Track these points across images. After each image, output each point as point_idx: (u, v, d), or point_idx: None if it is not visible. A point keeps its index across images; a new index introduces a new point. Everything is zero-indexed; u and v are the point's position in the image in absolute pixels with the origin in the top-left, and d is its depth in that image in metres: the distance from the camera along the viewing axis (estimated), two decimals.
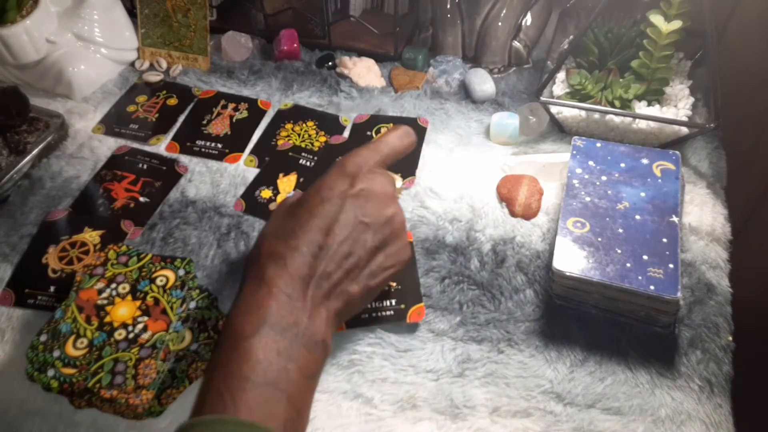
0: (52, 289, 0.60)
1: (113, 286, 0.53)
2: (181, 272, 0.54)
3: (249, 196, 0.69)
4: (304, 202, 0.48)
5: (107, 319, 0.50)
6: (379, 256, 0.48)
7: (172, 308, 0.51)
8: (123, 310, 0.51)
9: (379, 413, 0.52)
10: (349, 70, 0.84)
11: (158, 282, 0.53)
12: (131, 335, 0.50)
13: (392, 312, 0.58)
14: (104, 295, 0.52)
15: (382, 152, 0.50)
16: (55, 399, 0.52)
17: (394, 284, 0.60)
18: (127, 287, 0.52)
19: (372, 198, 0.47)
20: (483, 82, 0.80)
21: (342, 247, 0.45)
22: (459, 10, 0.84)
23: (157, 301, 0.52)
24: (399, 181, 0.53)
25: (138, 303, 0.51)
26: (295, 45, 0.86)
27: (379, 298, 0.58)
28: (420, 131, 0.76)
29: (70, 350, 0.49)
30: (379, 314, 0.57)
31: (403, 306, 0.58)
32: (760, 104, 0.67)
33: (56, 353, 0.49)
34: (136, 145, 0.76)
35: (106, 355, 0.48)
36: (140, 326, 0.50)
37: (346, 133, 0.77)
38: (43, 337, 0.50)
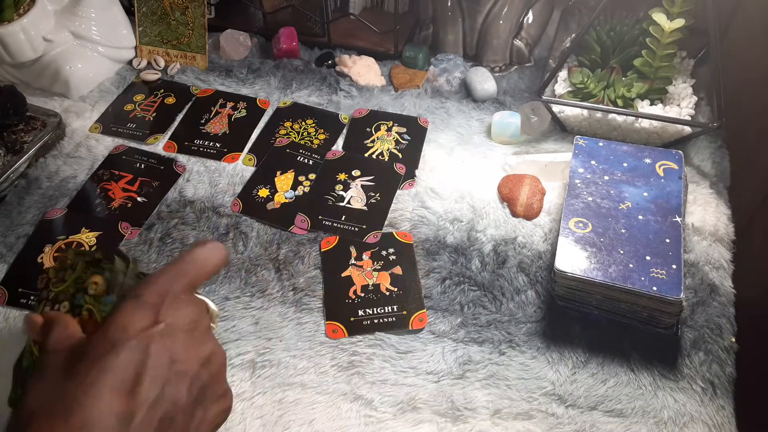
0: None
1: (56, 307, 0.45)
2: (107, 274, 0.46)
3: (246, 195, 0.69)
4: (87, 351, 0.33)
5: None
6: (198, 411, 0.35)
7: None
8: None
9: (379, 415, 0.51)
10: (349, 68, 0.83)
11: (90, 291, 0.46)
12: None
13: (394, 318, 0.57)
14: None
15: (189, 274, 0.38)
16: None
17: (395, 289, 0.59)
18: (67, 305, 0.45)
19: (181, 336, 0.35)
20: (484, 81, 0.79)
21: (154, 410, 0.32)
22: (460, 8, 0.83)
23: (91, 313, 0.44)
24: (212, 305, 0.43)
25: (77, 320, 0.44)
26: (295, 43, 0.86)
27: (380, 304, 0.58)
28: (420, 131, 0.76)
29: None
30: (381, 321, 0.57)
31: (404, 312, 0.57)
32: (764, 103, 0.66)
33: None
34: (133, 144, 0.75)
35: None
36: None
37: (345, 131, 0.76)
38: (16, 370, 0.46)
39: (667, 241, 0.55)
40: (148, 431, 0.32)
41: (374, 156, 0.73)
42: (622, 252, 0.55)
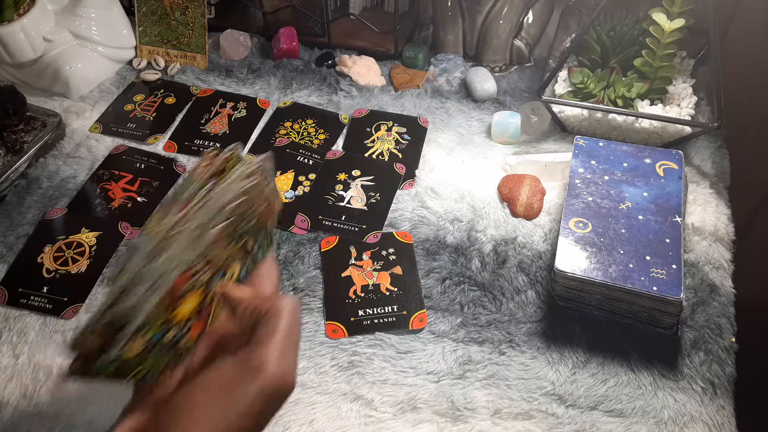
0: (45, 289, 0.59)
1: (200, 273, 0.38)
2: (243, 272, 0.41)
3: None
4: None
5: (174, 312, 0.36)
6: None
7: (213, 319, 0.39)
8: (188, 305, 0.37)
9: (379, 415, 0.51)
10: (349, 68, 0.83)
11: (226, 277, 0.40)
12: (176, 338, 0.36)
13: (394, 318, 0.57)
14: (192, 280, 0.37)
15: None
16: (51, 401, 0.51)
17: (395, 289, 0.59)
18: (208, 276, 0.38)
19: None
20: (484, 81, 0.79)
21: None
22: (460, 8, 0.84)
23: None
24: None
25: (201, 299, 0.38)
26: (294, 43, 0.86)
27: (380, 304, 0.58)
28: (420, 131, 0.76)
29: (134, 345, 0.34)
30: (381, 321, 0.57)
31: (405, 312, 0.57)
32: (765, 103, 0.66)
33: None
34: (133, 144, 0.75)
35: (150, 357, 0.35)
36: (186, 329, 0.37)
37: (345, 131, 0.76)
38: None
39: (667, 241, 0.55)
40: None
41: (374, 156, 0.73)
42: (622, 252, 0.55)
